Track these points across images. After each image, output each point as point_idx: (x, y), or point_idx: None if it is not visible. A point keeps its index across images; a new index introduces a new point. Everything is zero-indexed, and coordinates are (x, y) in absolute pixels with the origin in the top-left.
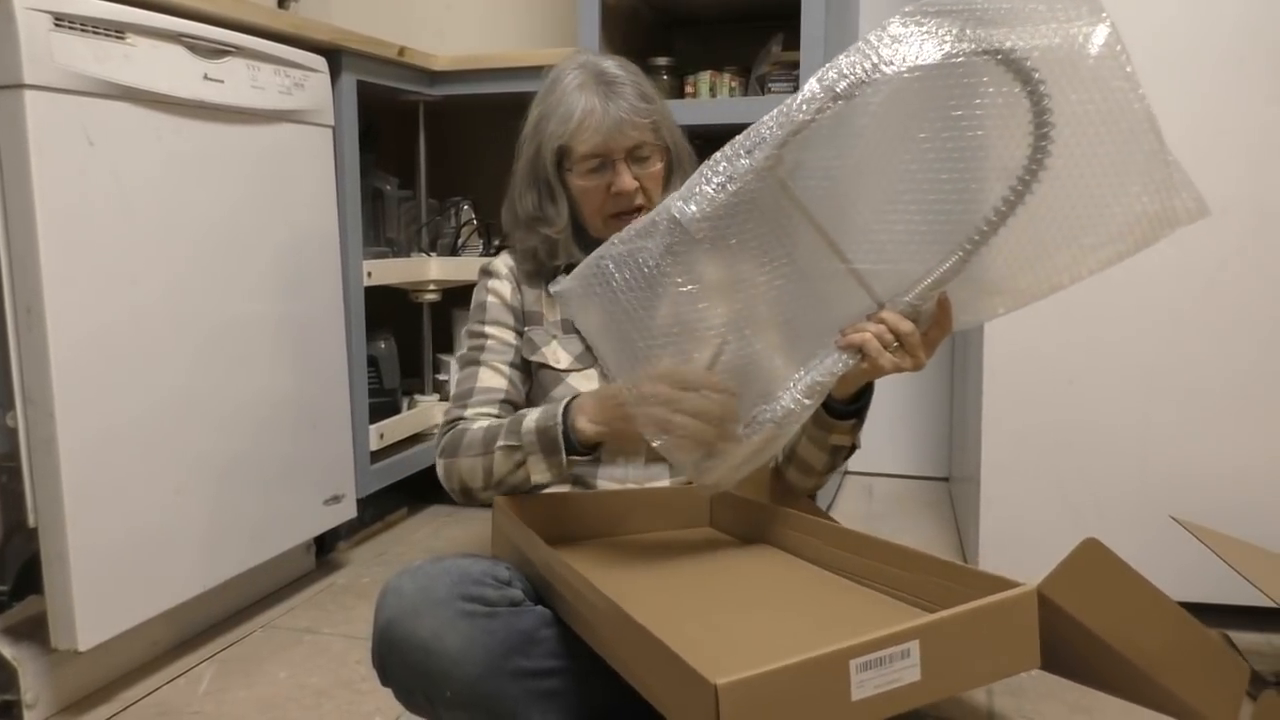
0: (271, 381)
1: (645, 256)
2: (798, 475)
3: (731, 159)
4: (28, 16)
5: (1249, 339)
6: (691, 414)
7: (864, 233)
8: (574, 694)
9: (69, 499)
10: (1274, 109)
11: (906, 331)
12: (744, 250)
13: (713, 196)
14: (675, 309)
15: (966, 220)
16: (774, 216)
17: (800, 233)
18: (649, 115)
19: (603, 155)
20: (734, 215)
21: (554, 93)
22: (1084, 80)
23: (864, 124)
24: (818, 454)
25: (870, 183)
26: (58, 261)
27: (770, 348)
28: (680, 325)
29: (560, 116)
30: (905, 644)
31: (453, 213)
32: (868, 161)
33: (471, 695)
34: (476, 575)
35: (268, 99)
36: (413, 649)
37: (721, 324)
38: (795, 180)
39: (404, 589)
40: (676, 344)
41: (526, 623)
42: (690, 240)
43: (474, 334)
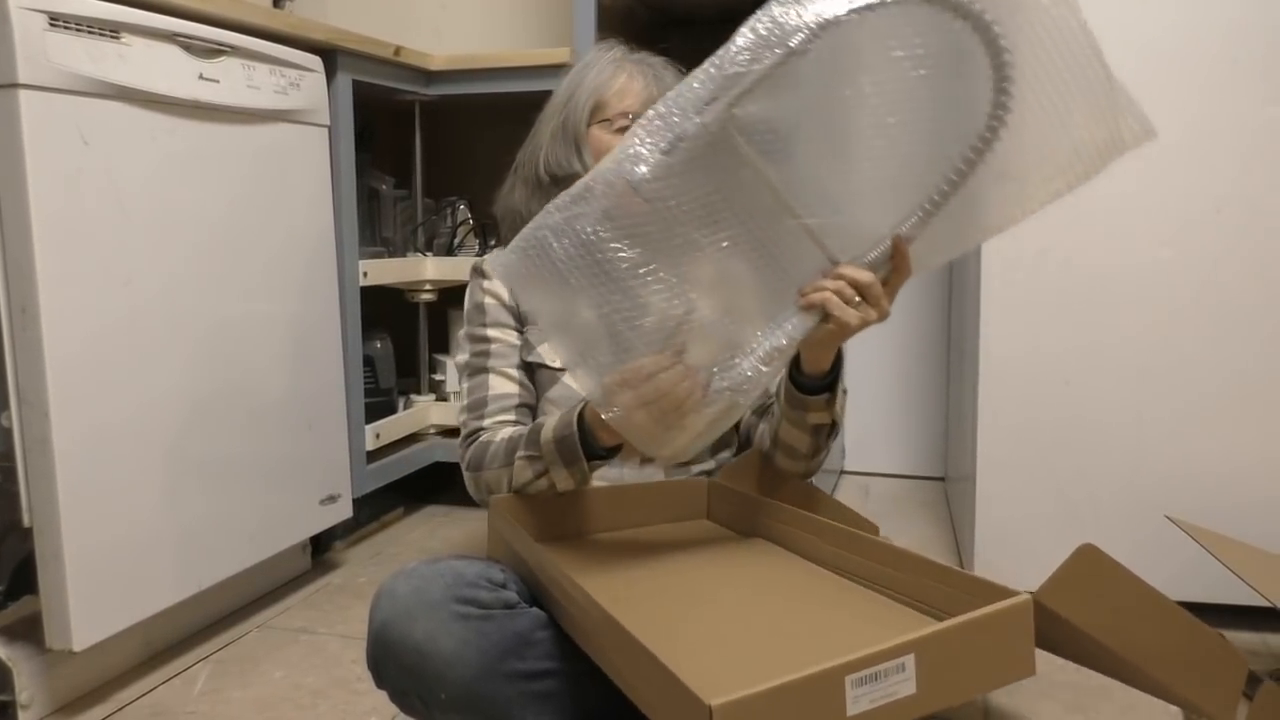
0: (267, 381)
1: (583, 223)
2: (786, 460)
3: (678, 118)
4: (22, 16)
5: (1244, 338)
6: (654, 400)
7: (816, 186)
8: (569, 696)
9: (64, 499)
10: (1268, 110)
11: (867, 283)
12: (688, 213)
13: (662, 158)
14: (620, 282)
15: (921, 166)
16: (721, 175)
17: (750, 191)
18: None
19: (636, 114)
20: (682, 175)
21: (590, 62)
22: (1025, 8)
23: (808, 73)
24: (800, 436)
25: (819, 134)
26: (53, 262)
27: (725, 314)
28: (625, 295)
29: (595, 76)
30: (901, 658)
31: (449, 212)
32: (815, 112)
33: (466, 697)
34: (471, 577)
35: (263, 99)
36: (407, 652)
37: (670, 292)
38: (747, 136)
39: (398, 591)
40: (626, 317)
41: (521, 625)
42: (628, 205)
43: (476, 338)
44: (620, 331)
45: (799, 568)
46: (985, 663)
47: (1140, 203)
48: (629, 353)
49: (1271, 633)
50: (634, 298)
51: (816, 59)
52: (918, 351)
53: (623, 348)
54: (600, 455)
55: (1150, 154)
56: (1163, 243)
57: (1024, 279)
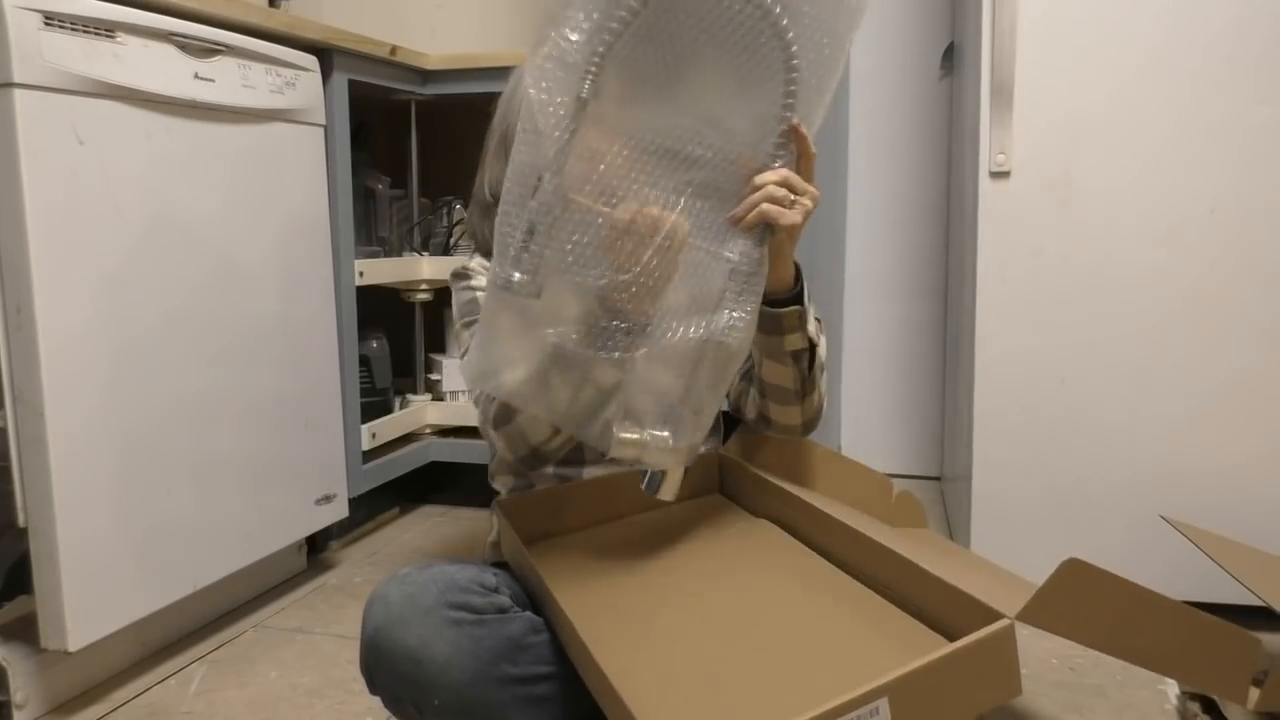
0: (263, 381)
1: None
2: (779, 411)
3: (537, 130)
4: (17, 15)
5: (1239, 337)
6: (650, 234)
7: (693, 118)
8: (563, 700)
9: (59, 499)
10: (1262, 109)
11: (790, 178)
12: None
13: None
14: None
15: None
16: (597, 157)
17: (640, 158)
18: None
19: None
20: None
21: (520, 76)
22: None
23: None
24: (782, 370)
25: (676, 76)
26: (47, 261)
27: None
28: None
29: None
30: (874, 702)
31: (445, 212)
32: (663, 61)
33: (460, 703)
34: (463, 583)
35: (259, 98)
36: (400, 658)
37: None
38: (613, 103)
39: (390, 597)
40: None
41: (514, 629)
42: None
43: (473, 322)
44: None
45: (798, 565)
46: (966, 692)
47: (1135, 202)
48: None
49: (1264, 631)
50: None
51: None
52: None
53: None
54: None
55: (1145, 154)
56: (1158, 242)
57: (1020, 278)
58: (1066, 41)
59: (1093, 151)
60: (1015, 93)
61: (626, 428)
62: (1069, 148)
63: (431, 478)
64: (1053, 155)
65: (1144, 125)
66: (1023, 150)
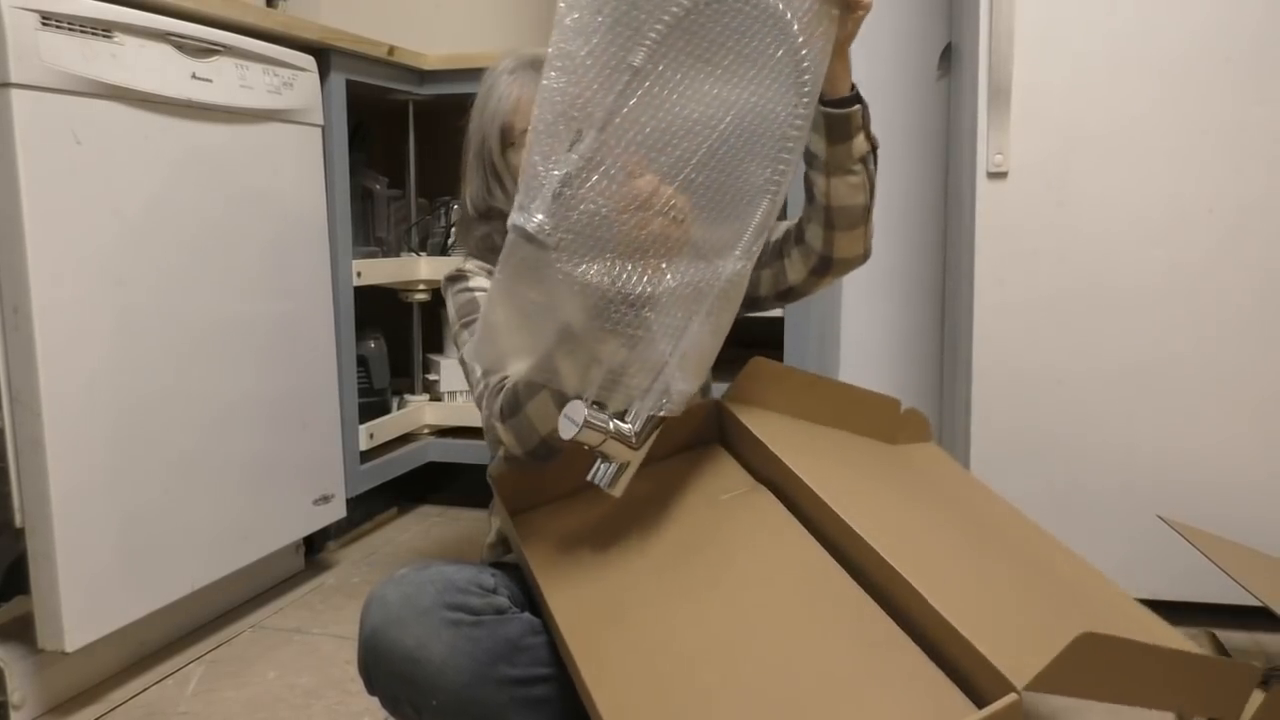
0: (261, 381)
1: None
2: (846, 241)
3: (578, 73)
4: (14, 15)
5: (1237, 338)
6: (666, 211)
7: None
8: (561, 701)
9: (56, 499)
10: (1259, 109)
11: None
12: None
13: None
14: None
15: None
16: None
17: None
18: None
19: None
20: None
21: (490, 85)
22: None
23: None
24: (853, 183)
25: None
26: (45, 261)
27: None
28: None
29: (497, 98)
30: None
31: (442, 212)
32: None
33: (458, 704)
34: (461, 583)
35: (256, 98)
36: (398, 659)
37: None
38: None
39: (388, 598)
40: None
41: (512, 630)
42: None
43: (472, 321)
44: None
45: (801, 569)
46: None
47: (1133, 203)
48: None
49: (1261, 632)
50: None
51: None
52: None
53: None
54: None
55: (1143, 154)
56: (1155, 243)
57: (1017, 279)
58: (1064, 42)
59: (1090, 152)
60: (1013, 93)
61: (594, 412)
62: (1067, 148)
63: (429, 478)
64: (1050, 156)
65: (1141, 125)
66: (1020, 151)
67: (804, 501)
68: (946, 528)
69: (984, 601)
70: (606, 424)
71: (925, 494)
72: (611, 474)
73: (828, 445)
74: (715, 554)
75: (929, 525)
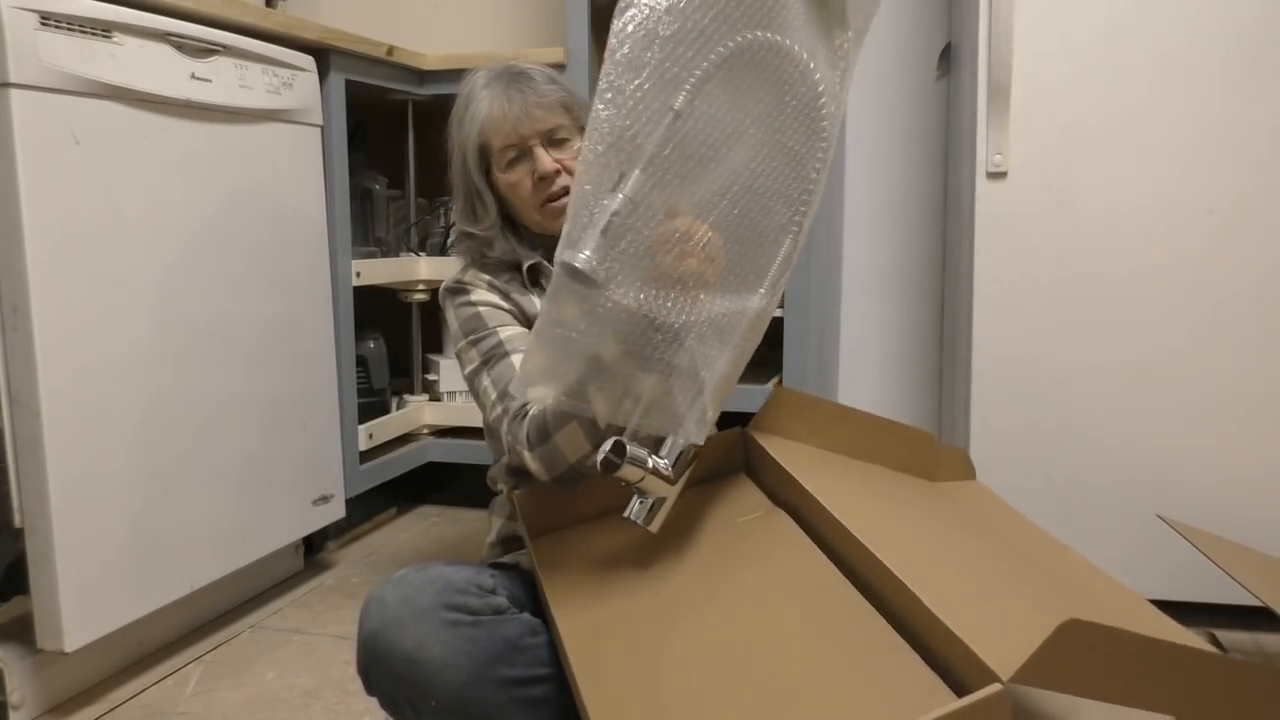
0: (260, 381)
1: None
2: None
3: (622, 115)
4: (14, 15)
5: (1236, 338)
6: (693, 250)
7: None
8: (561, 702)
9: (55, 499)
10: (1259, 110)
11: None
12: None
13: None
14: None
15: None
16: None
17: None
18: (557, 97)
19: (518, 144)
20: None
21: (465, 100)
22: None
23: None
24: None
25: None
26: (44, 261)
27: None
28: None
29: (471, 116)
30: None
31: (442, 212)
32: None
33: (457, 704)
34: (460, 584)
35: (256, 98)
36: (397, 659)
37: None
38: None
39: (387, 599)
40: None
41: (511, 631)
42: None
43: (481, 339)
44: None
45: (807, 580)
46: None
47: (1132, 203)
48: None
49: (1261, 632)
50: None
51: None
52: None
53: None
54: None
55: (1142, 154)
56: (1155, 243)
57: (1016, 279)
58: (1064, 42)
59: (1090, 152)
60: (1012, 93)
61: (635, 448)
62: (1066, 148)
63: (429, 478)
64: (1050, 156)
65: (1141, 126)
66: (1020, 151)
67: (819, 522)
68: (977, 556)
69: (990, 610)
70: (646, 460)
71: (961, 526)
72: (648, 509)
73: (852, 473)
74: (724, 569)
75: (954, 550)
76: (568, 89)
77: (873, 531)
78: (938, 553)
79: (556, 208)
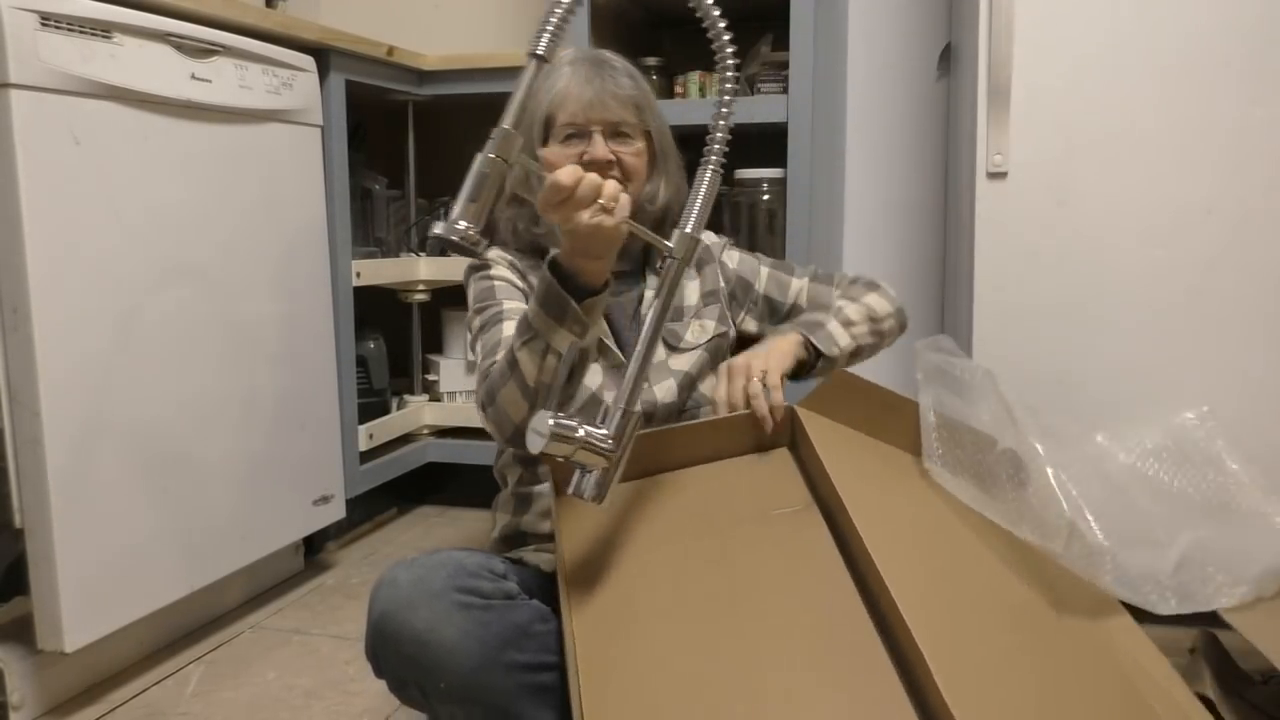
0: (260, 382)
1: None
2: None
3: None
4: (14, 16)
5: (1237, 338)
6: (587, 197)
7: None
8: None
9: (55, 500)
10: (1258, 110)
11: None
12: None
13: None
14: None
15: None
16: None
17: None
18: (633, 95)
19: (580, 125)
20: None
21: (550, 69)
22: None
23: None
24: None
25: None
26: (43, 261)
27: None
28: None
29: (547, 88)
30: None
31: (442, 213)
32: None
33: (466, 687)
34: (472, 568)
35: (256, 99)
36: (408, 641)
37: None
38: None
39: (399, 581)
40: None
41: (521, 616)
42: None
43: (487, 307)
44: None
45: (827, 605)
46: None
47: (1132, 203)
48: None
49: None
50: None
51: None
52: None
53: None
54: (587, 292)
55: (1142, 155)
56: (1155, 243)
57: (1017, 280)
58: (1063, 42)
59: (1090, 152)
60: (1012, 93)
61: (561, 423)
62: (1066, 149)
63: (429, 478)
64: (1050, 156)
65: (1141, 126)
66: (1020, 151)
67: (845, 530)
68: (990, 582)
69: (986, 674)
70: (575, 431)
71: (989, 539)
72: (594, 483)
73: (890, 471)
74: (748, 577)
75: (970, 578)
76: (644, 90)
77: (891, 556)
78: (952, 582)
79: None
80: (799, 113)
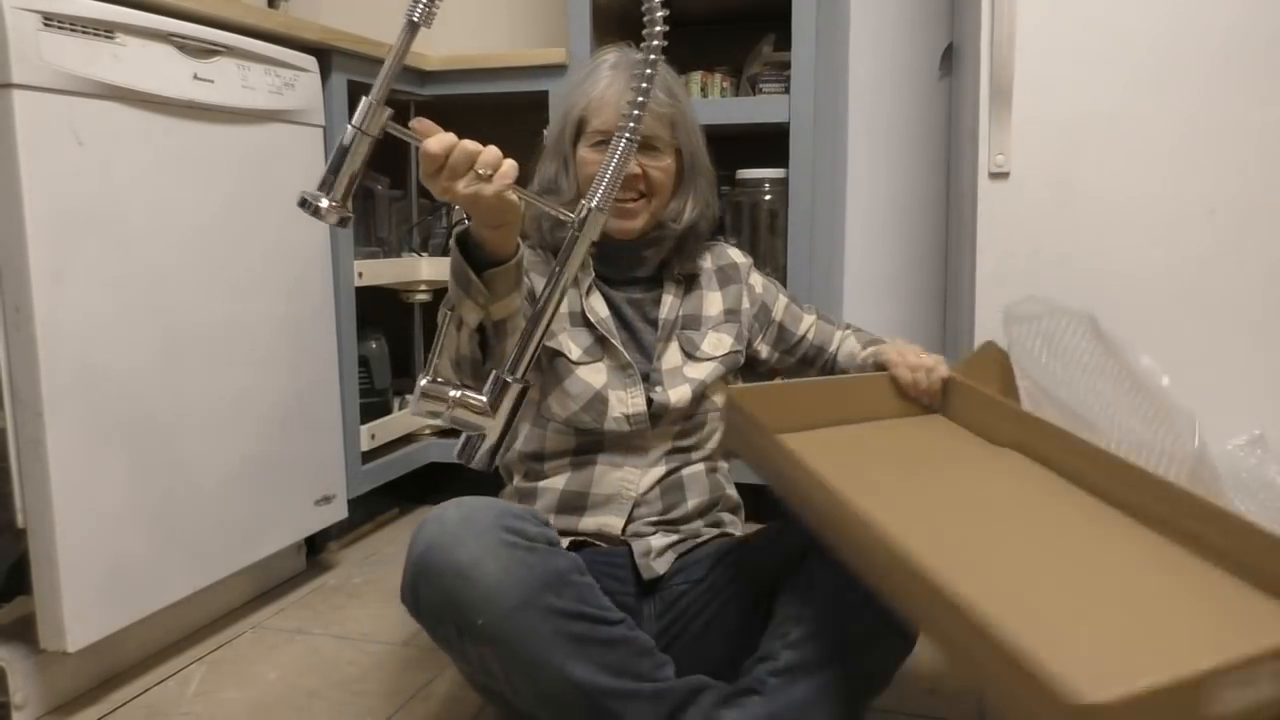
0: (262, 382)
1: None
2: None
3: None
4: (16, 16)
5: (1238, 339)
6: (463, 163)
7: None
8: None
9: (58, 500)
10: (1262, 111)
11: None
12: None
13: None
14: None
15: None
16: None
17: None
18: (668, 112)
19: (610, 134)
20: None
21: (587, 70)
22: None
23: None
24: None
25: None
26: (46, 261)
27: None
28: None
29: (585, 89)
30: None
31: (444, 213)
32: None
33: (503, 626)
34: (518, 511)
35: (258, 99)
36: (451, 574)
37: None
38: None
39: (446, 517)
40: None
41: (562, 563)
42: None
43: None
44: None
45: (1082, 503)
46: None
47: (1135, 203)
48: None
49: None
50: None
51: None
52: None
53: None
54: (487, 264)
55: (1145, 154)
56: (1157, 243)
57: (1018, 280)
58: (1065, 42)
59: (1092, 152)
60: (1014, 93)
61: (433, 383)
62: (1069, 148)
63: (431, 478)
64: (1052, 156)
65: (1143, 126)
66: (1022, 151)
67: (1055, 455)
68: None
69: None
70: (446, 393)
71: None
72: (469, 445)
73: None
74: (1000, 492)
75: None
76: (681, 109)
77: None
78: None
79: (619, 208)
80: (801, 113)
